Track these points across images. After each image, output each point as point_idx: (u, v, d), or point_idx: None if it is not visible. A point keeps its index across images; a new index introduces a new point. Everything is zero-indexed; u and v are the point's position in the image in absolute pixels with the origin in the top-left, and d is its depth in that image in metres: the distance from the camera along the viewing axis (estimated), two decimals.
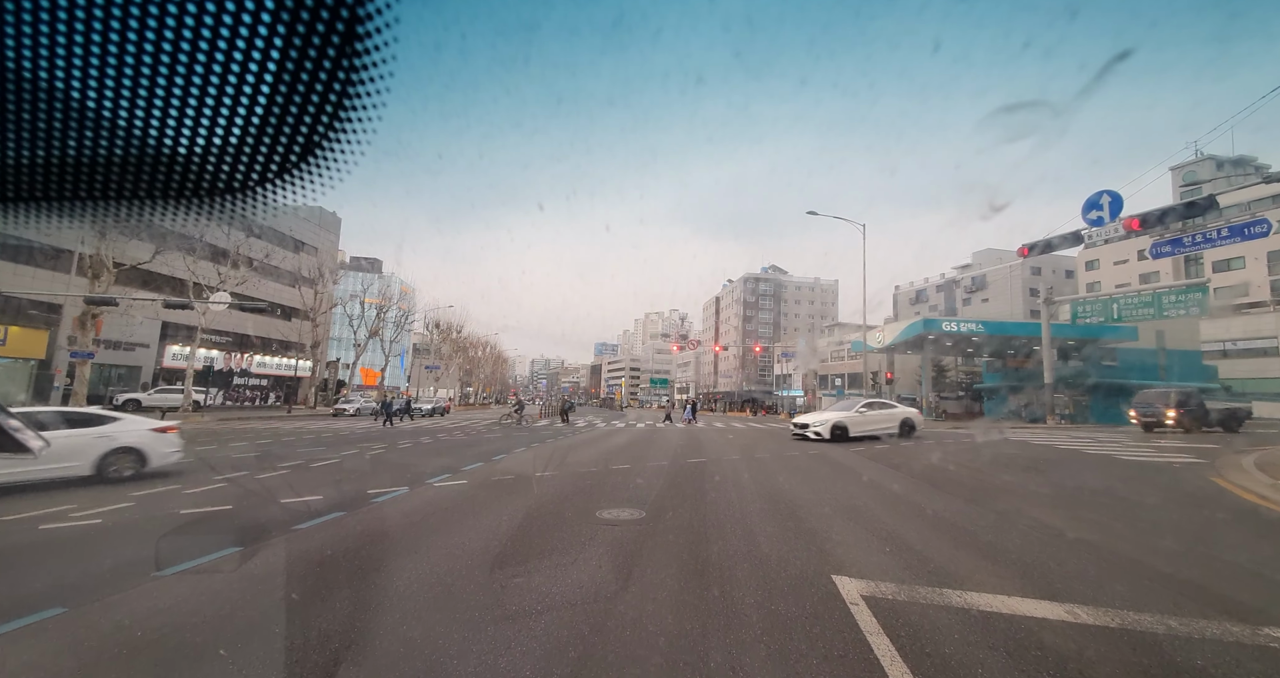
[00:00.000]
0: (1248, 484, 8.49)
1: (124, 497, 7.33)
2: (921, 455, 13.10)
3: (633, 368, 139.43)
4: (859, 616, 3.39)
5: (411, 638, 3.09)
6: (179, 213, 1.00)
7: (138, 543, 5.23)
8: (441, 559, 4.57)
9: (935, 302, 67.41)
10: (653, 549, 4.94)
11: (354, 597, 3.73)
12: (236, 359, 38.98)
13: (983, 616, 3.43)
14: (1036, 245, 23.05)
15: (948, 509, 6.72)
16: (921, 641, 3.06)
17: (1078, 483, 9.19)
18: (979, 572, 4.30)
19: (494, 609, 3.51)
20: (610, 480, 8.83)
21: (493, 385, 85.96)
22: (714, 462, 11.41)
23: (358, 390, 49.32)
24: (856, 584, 3.95)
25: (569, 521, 6.01)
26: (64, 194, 0.97)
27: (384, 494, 7.50)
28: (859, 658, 2.86)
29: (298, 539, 5.22)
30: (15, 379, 26.60)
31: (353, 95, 0.84)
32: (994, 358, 39.93)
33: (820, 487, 8.42)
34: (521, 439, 17.23)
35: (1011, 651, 2.95)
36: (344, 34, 0.75)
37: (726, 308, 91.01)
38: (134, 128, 0.85)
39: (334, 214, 49.43)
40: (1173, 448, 14.47)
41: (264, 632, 3.20)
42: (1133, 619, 3.37)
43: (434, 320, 58.80)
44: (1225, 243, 19.70)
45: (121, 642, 3.09)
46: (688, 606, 3.57)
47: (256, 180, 0.96)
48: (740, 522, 5.99)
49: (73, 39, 0.72)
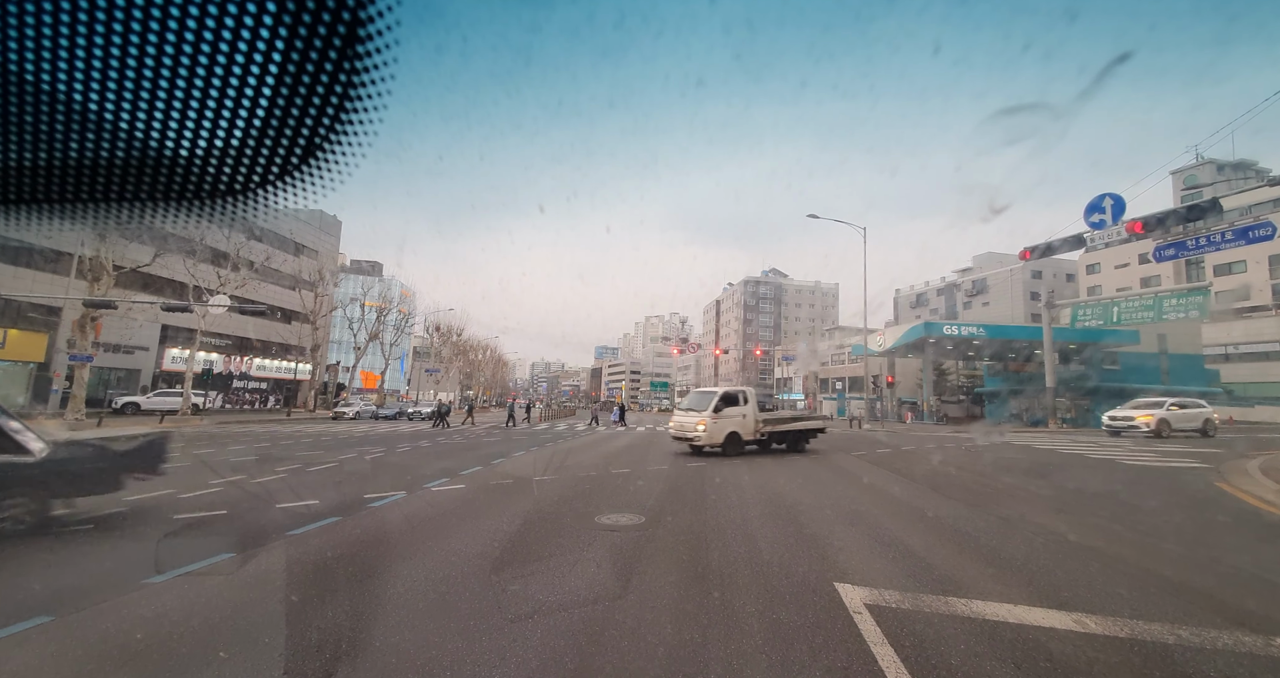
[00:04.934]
0: (1254, 489, 8.41)
1: (117, 501, 7.26)
2: (922, 459, 13.03)
3: (633, 371, 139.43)
4: (862, 625, 3.31)
5: (405, 647, 3.02)
6: (179, 215, 1.00)
7: (133, 547, 5.17)
8: (438, 566, 4.51)
9: (936, 305, 67.42)
10: (652, 555, 4.87)
11: (347, 606, 3.66)
12: (236, 362, 38.95)
13: (989, 625, 3.35)
14: (1038, 248, 23.04)
15: (950, 514, 6.64)
16: (927, 651, 2.99)
17: (1081, 488, 9.11)
18: (984, 579, 4.23)
19: (490, 618, 3.44)
20: (610, 484, 8.76)
21: (493, 389, 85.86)
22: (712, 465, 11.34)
23: (357, 394, 49.28)
24: (859, 592, 3.88)
25: (567, 526, 5.95)
26: (65, 197, 0.97)
27: (381, 499, 7.44)
28: (863, 670, 2.79)
29: (293, 545, 5.16)
30: (14, 382, 26.55)
31: (354, 98, 0.84)
32: (995, 361, 39.88)
33: (820, 491, 8.35)
34: (520, 443, 17.16)
35: (1019, 662, 2.88)
36: (345, 36, 0.75)
37: (727, 311, 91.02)
38: (135, 130, 0.85)
39: (334, 217, 49.51)
40: (1176, 453, 14.39)
41: (257, 641, 3.13)
42: (1142, 629, 3.30)
43: (434, 323, 58.82)
44: (1229, 246, 19.65)
45: (120, 646, 3.02)
46: (687, 614, 3.50)
47: (257, 183, 0.96)
48: (741, 526, 5.92)
49: (74, 42, 0.72)
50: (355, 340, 43.60)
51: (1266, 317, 39.28)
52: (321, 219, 46.84)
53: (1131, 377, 35.28)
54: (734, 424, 13.18)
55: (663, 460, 12.24)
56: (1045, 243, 22.83)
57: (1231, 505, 7.58)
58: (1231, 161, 46.79)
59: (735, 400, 13.54)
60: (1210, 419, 20.92)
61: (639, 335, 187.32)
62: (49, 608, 3.59)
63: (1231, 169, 46.39)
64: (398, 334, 50.05)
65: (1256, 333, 39.15)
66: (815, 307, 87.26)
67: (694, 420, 13.14)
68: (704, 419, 12.94)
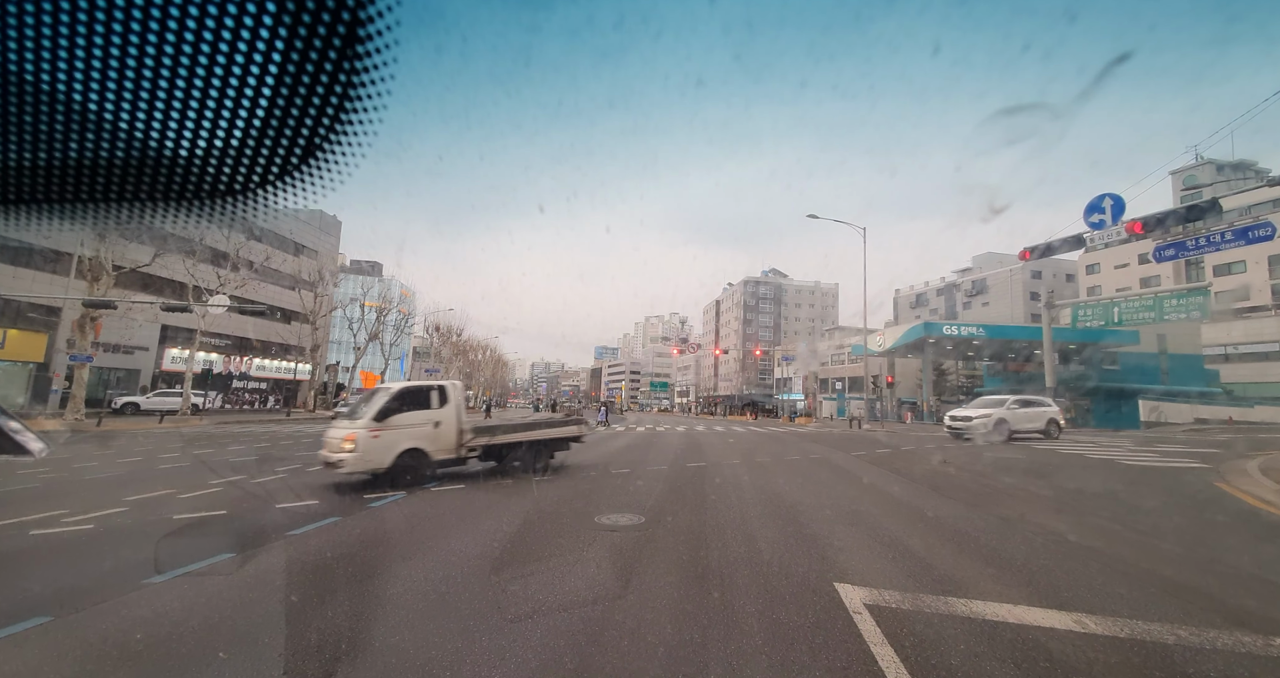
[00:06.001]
0: (1253, 490, 8.41)
1: (118, 501, 7.26)
2: (922, 459, 13.02)
3: (633, 371, 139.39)
4: (862, 625, 3.32)
5: (405, 648, 3.02)
6: (179, 215, 1.00)
7: (132, 548, 5.17)
8: (437, 566, 4.51)
9: (936, 305, 67.43)
10: (652, 555, 4.87)
11: (347, 606, 3.66)
12: (236, 362, 38.93)
13: (988, 625, 3.36)
14: (1037, 249, 23.03)
15: (950, 514, 6.64)
16: (927, 652, 2.99)
17: (1081, 488, 9.11)
18: (984, 579, 4.23)
19: (490, 618, 3.44)
20: (609, 485, 8.76)
21: (493, 389, 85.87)
22: (714, 466, 11.34)
23: (357, 394, 49.23)
24: (859, 592, 3.88)
25: (567, 526, 5.95)
26: (64, 196, 0.97)
27: (381, 499, 7.43)
28: (863, 670, 2.79)
29: (293, 545, 5.16)
30: (14, 382, 26.54)
31: (354, 97, 0.83)
32: (995, 362, 39.91)
33: (820, 491, 8.35)
34: None
35: (1019, 662, 2.88)
36: (345, 36, 0.74)
37: (727, 311, 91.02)
38: (134, 130, 0.85)
39: (334, 217, 49.48)
40: (1176, 453, 14.39)
41: (257, 641, 3.13)
42: (1142, 629, 3.30)
43: (434, 323, 58.79)
44: (1229, 246, 19.63)
45: (119, 646, 3.02)
46: (687, 614, 3.50)
47: (257, 183, 0.96)
48: (740, 526, 5.92)
49: (74, 41, 0.72)
50: (355, 340, 43.57)
51: (1266, 317, 39.29)
52: (321, 219, 46.82)
53: (1131, 377, 35.34)
54: (414, 437, 8.61)
55: (662, 461, 12.23)
56: (1045, 243, 22.82)
57: (1231, 506, 7.58)
58: (1231, 162, 46.80)
59: (420, 401, 8.91)
60: (1055, 420, 19.10)
61: (639, 336, 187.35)
62: (48, 608, 3.60)
63: (1231, 169, 46.40)
64: (397, 334, 50.02)
65: (1256, 333, 39.16)
66: (815, 307, 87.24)
67: (342, 435, 8.18)
68: (354, 433, 8.09)
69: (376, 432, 8.27)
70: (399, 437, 8.47)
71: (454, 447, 9.07)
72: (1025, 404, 19.15)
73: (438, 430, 8.92)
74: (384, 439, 8.31)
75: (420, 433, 8.74)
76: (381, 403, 8.51)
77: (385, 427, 8.36)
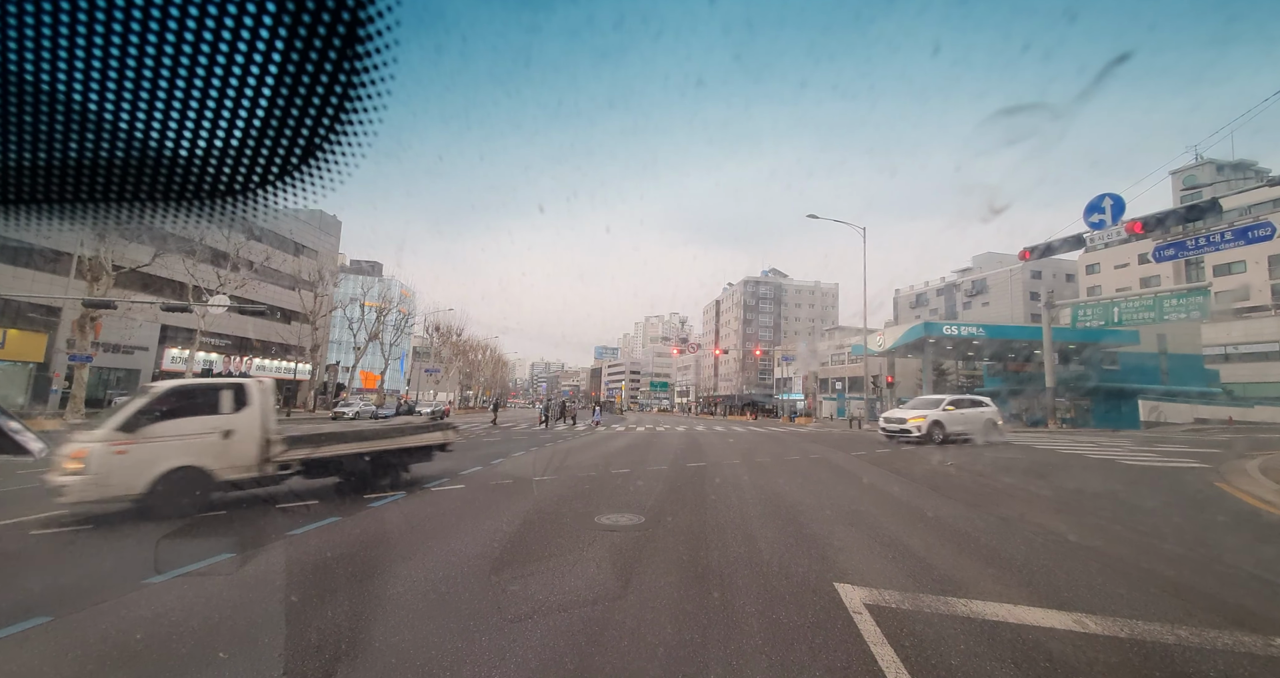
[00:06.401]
0: (1254, 490, 8.41)
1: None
2: (922, 459, 13.03)
3: (633, 371, 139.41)
4: (862, 625, 3.31)
5: (405, 648, 3.02)
6: (179, 215, 1.00)
7: (132, 548, 5.17)
8: (438, 566, 4.51)
9: (936, 305, 67.41)
10: (652, 555, 4.87)
11: (347, 606, 3.66)
12: (235, 362, 38.92)
13: (988, 625, 3.35)
14: (1037, 249, 23.03)
15: (950, 514, 6.64)
16: (926, 652, 2.98)
17: (1081, 488, 9.12)
18: (984, 579, 4.23)
19: (490, 618, 3.44)
20: (609, 485, 8.76)
21: (493, 389, 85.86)
22: (713, 466, 11.34)
23: (357, 394, 49.22)
24: (859, 592, 3.88)
25: (567, 526, 5.95)
26: (64, 196, 0.97)
27: (381, 499, 7.43)
28: (863, 670, 2.79)
29: (293, 545, 5.16)
30: (14, 382, 26.54)
31: (354, 97, 0.83)
32: (994, 362, 39.89)
33: (820, 491, 8.35)
34: (520, 443, 17.16)
35: (1019, 662, 2.88)
36: (345, 36, 0.74)
37: (727, 311, 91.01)
38: (134, 130, 0.85)
39: (334, 217, 49.53)
40: (1176, 453, 14.40)
41: (257, 641, 3.13)
42: (1142, 629, 3.30)
43: (434, 323, 58.81)
44: (1229, 246, 19.64)
45: (119, 646, 3.02)
46: (687, 614, 3.50)
47: (257, 183, 0.96)
48: (740, 526, 5.92)
49: (74, 41, 0.72)
50: (355, 340, 43.58)
51: (1266, 317, 39.28)
52: (321, 219, 46.84)
53: (1131, 377, 35.33)
54: (187, 451, 6.51)
55: (662, 461, 12.24)
56: (1045, 243, 22.82)
57: (1231, 506, 7.58)
58: (1231, 162, 46.80)
59: (201, 404, 6.85)
60: (992, 421, 18.28)
61: (639, 336, 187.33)
62: (48, 608, 3.59)
63: (1231, 169, 46.40)
64: (397, 334, 50.05)
65: (1256, 333, 39.16)
66: (815, 307, 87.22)
67: (68, 452, 5.98)
68: (84, 449, 5.95)
69: (123, 445, 6.13)
70: (161, 451, 6.34)
71: (254, 462, 7.03)
72: (961, 405, 18.50)
73: (228, 442, 6.82)
74: (135, 455, 6.16)
75: (199, 446, 6.63)
76: (137, 407, 6.41)
77: (139, 438, 6.24)
